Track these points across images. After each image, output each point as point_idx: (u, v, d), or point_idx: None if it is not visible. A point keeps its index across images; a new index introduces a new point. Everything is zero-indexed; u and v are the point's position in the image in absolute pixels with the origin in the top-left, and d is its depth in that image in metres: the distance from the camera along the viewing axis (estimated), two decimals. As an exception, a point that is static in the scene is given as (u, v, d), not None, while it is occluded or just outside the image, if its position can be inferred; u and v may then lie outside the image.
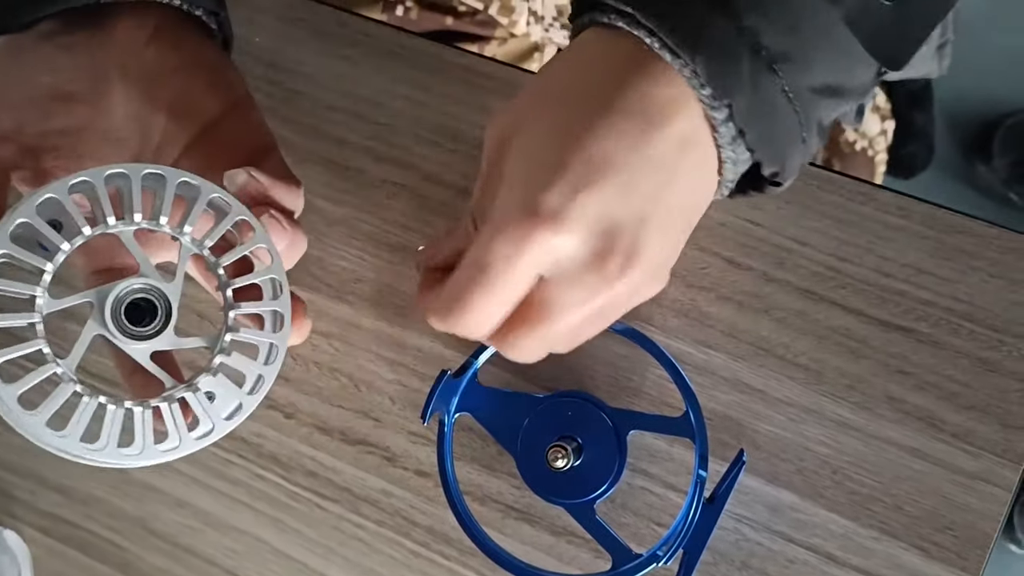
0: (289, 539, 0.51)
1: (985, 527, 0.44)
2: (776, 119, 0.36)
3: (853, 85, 0.38)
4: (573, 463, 0.44)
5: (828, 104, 0.38)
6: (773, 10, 0.35)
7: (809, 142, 0.38)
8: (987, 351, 0.44)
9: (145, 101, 0.41)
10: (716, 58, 0.35)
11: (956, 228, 0.45)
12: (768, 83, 0.35)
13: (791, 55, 0.35)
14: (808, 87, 0.37)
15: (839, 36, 0.36)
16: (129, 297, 0.37)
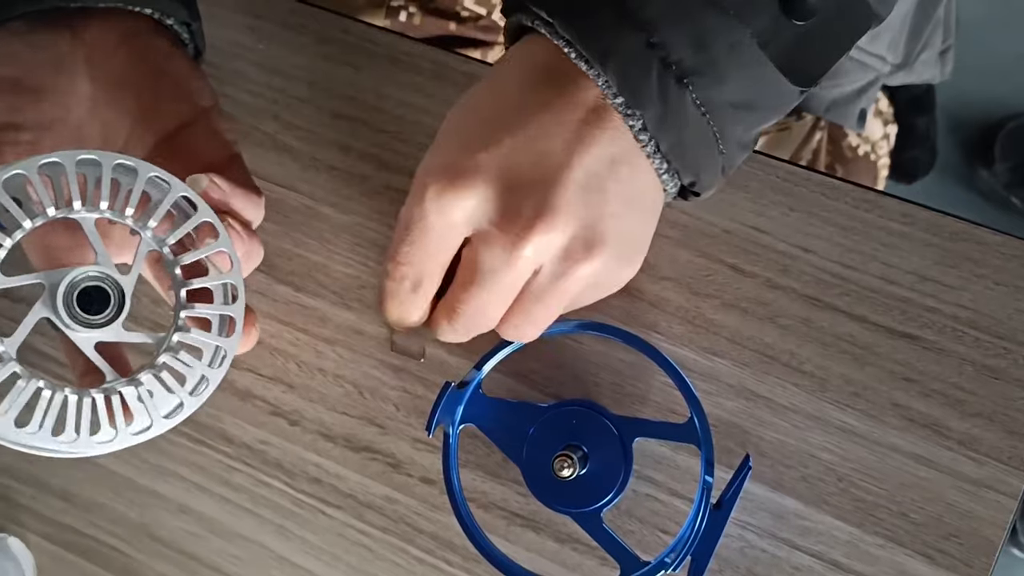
0: (293, 546, 0.51)
1: (990, 534, 0.44)
2: (689, 131, 0.38)
3: (770, 101, 0.39)
4: (579, 472, 0.44)
5: (745, 118, 0.39)
6: (683, 26, 0.36)
7: (729, 154, 0.39)
8: (992, 358, 0.44)
9: (111, 103, 0.42)
10: (625, 70, 0.36)
11: (961, 235, 0.45)
12: (678, 96, 0.37)
13: (702, 70, 0.37)
14: (722, 101, 0.38)
15: (750, 53, 0.37)
16: (83, 284, 0.37)
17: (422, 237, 0.40)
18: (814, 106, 0.72)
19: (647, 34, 0.36)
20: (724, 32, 0.37)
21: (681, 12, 0.36)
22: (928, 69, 0.78)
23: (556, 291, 0.40)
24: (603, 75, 0.37)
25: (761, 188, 0.47)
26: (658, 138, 0.38)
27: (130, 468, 0.53)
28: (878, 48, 0.72)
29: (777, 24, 0.37)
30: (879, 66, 0.73)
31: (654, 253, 0.48)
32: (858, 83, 0.73)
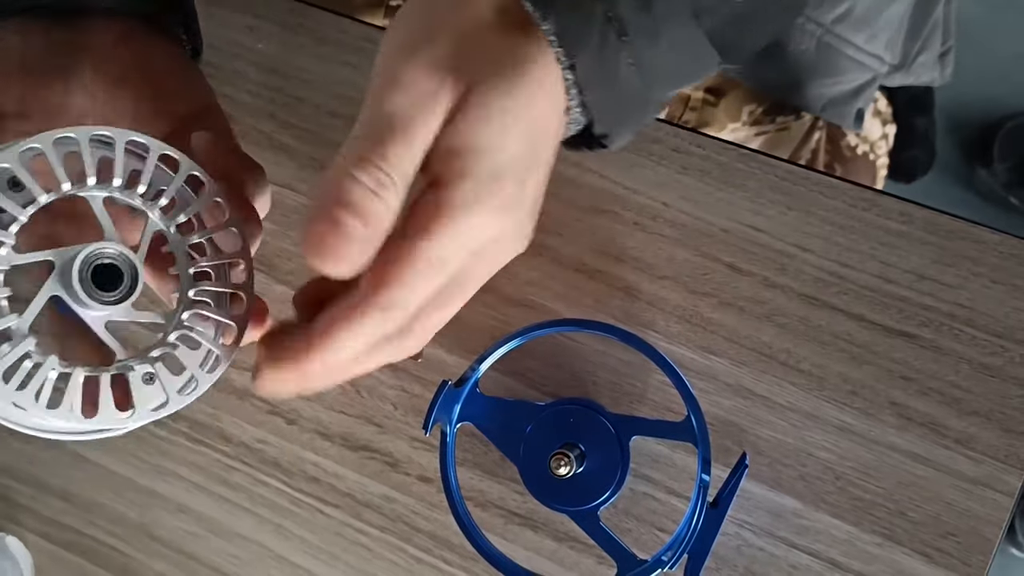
0: (291, 545, 0.51)
1: (987, 532, 0.44)
2: (617, 87, 0.37)
3: (695, 70, 0.39)
4: (576, 470, 0.44)
5: (669, 82, 0.39)
6: None
7: (648, 114, 0.39)
8: (989, 357, 0.44)
9: (109, 101, 0.42)
10: (569, 16, 0.35)
11: (958, 234, 0.45)
12: (615, 52, 0.36)
13: (641, 29, 0.36)
14: (653, 63, 0.37)
15: (685, 23, 0.37)
16: (96, 261, 0.37)
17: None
18: (810, 104, 0.72)
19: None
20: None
21: None
22: (927, 71, 0.78)
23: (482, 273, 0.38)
24: (545, 16, 0.35)
25: (759, 187, 0.47)
26: (585, 89, 0.37)
27: (129, 468, 0.54)
28: (875, 47, 0.72)
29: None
30: (876, 66, 0.73)
31: (652, 252, 0.48)
32: (855, 82, 0.73)
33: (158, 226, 0.38)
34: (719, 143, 0.48)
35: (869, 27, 0.70)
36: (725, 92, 0.71)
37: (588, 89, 0.37)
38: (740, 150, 0.48)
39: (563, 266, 0.48)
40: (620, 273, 0.48)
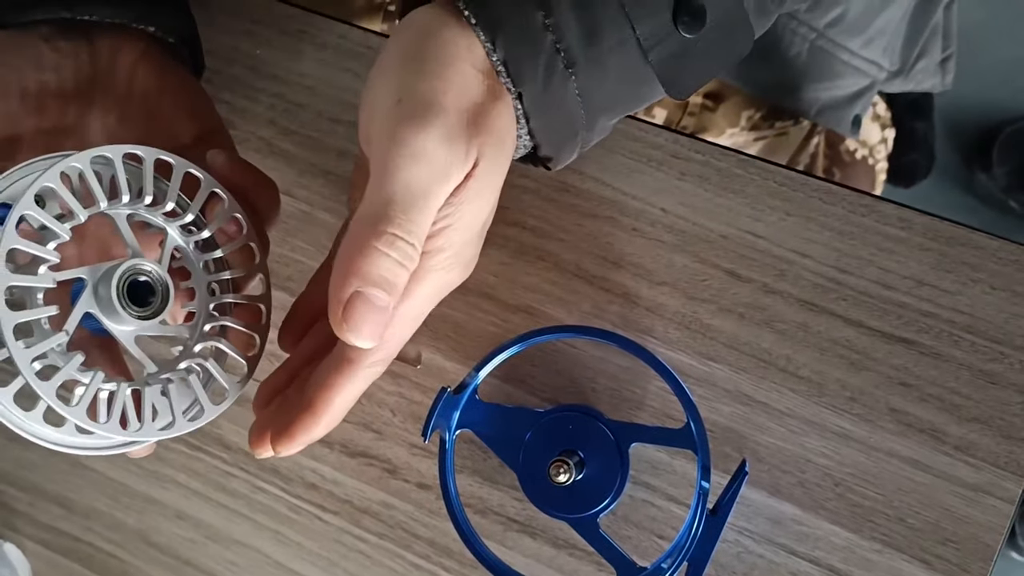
0: (290, 552, 0.51)
1: (988, 539, 0.44)
2: (562, 115, 0.38)
3: (640, 100, 0.41)
4: (575, 477, 0.44)
5: (614, 110, 0.40)
6: (579, 13, 0.36)
7: (589, 139, 0.40)
8: (989, 363, 0.44)
9: (125, 118, 0.42)
10: (516, 45, 0.36)
11: (958, 240, 0.45)
12: (561, 82, 0.37)
13: (588, 61, 0.37)
14: (599, 94, 0.38)
15: (634, 54, 0.38)
16: (131, 277, 0.37)
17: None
18: (805, 108, 0.72)
19: (544, 13, 0.36)
20: (616, 28, 0.37)
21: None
22: (928, 77, 0.78)
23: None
24: (495, 49, 0.37)
25: (758, 193, 0.47)
26: (531, 116, 0.38)
27: (127, 474, 0.53)
28: (872, 53, 0.72)
29: (665, 32, 0.38)
30: (874, 72, 0.73)
31: (651, 258, 0.48)
32: (852, 88, 0.73)
33: (177, 242, 0.39)
34: (718, 149, 0.48)
35: (864, 32, 0.70)
36: (724, 97, 0.71)
37: (534, 117, 0.38)
38: (739, 156, 0.48)
39: (562, 272, 0.48)
40: (619, 279, 0.48)
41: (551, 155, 0.40)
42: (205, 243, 0.40)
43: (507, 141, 0.38)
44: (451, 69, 0.37)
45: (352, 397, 0.40)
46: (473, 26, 0.37)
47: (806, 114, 0.72)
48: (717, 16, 0.38)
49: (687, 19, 0.38)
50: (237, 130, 0.53)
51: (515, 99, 0.38)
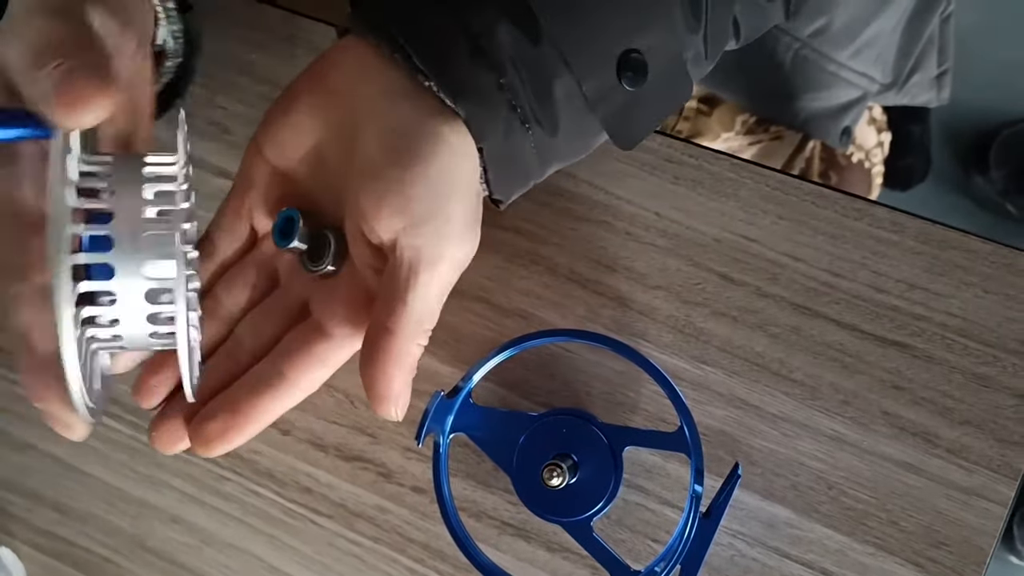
0: (284, 556, 0.51)
1: (981, 543, 0.44)
2: (518, 166, 0.41)
3: (585, 150, 0.43)
4: (569, 481, 0.44)
5: (566, 158, 0.42)
6: (528, 73, 0.39)
7: (536, 182, 0.43)
8: (981, 366, 0.44)
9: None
10: (475, 107, 0.39)
11: (950, 243, 0.45)
12: (520, 137, 0.40)
13: (542, 118, 0.40)
14: (554, 147, 0.41)
15: (581, 108, 0.40)
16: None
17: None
18: (791, 118, 0.72)
19: (497, 74, 0.38)
20: (564, 86, 0.39)
21: (529, 60, 0.38)
22: (923, 92, 0.77)
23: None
24: (456, 110, 0.39)
25: (751, 197, 0.47)
26: (490, 168, 0.40)
27: (122, 479, 0.54)
28: (862, 65, 0.72)
29: (609, 86, 0.40)
30: (865, 84, 0.72)
31: (644, 262, 0.48)
32: (841, 99, 0.72)
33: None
34: (711, 153, 0.48)
35: (852, 43, 0.70)
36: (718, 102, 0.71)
37: (492, 169, 0.40)
38: (732, 160, 0.48)
39: (556, 276, 0.48)
40: (612, 283, 0.48)
41: (502, 199, 0.42)
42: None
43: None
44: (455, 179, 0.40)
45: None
46: (435, 92, 0.39)
47: (793, 123, 0.72)
48: (658, 69, 0.40)
49: (630, 74, 0.40)
50: (233, 135, 0.53)
51: (479, 153, 0.40)
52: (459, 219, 0.40)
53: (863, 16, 0.70)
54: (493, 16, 0.38)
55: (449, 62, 0.38)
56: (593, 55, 0.39)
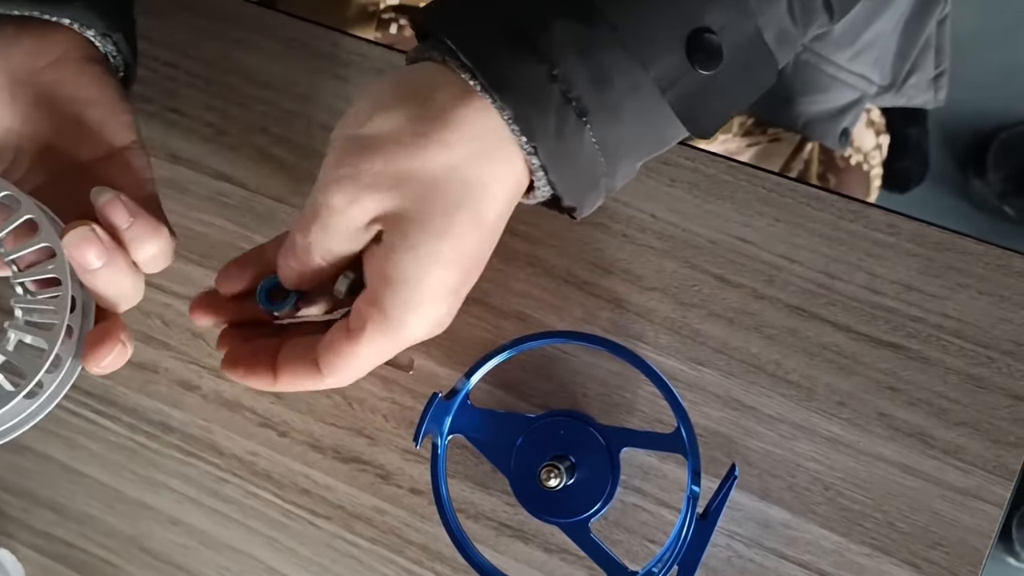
0: (283, 557, 0.52)
1: (977, 543, 0.44)
2: (581, 165, 0.38)
3: (662, 142, 0.40)
4: (566, 482, 0.44)
5: (635, 154, 0.39)
6: (586, 62, 0.36)
7: (613, 185, 0.40)
8: (976, 367, 0.45)
9: (28, 123, 0.41)
10: (523, 101, 0.36)
11: (945, 245, 0.45)
12: (575, 132, 0.37)
13: (600, 108, 0.37)
14: (617, 140, 0.38)
15: (650, 97, 0.37)
16: None
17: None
18: (791, 121, 0.72)
19: (548, 66, 0.36)
20: (626, 72, 0.36)
21: (583, 46, 0.36)
22: (920, 93, 0.78)
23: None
24: (502, 105, 0.36)
25: (747, 199, 0.47)
26: (549, 168, 0.37)
27: (121, 480, 0.54)
28: (860, 67, 0.72)
29: (681, 70, 0.37)
30: (863, 86, 0.73)
31: (641, 264, 0.48)
32: (839, 101, 0.73)
33: None
34: (707, 155, 0.48)
35: (851, 45, 0.70)
36: (716, 104, 0.71)
37: (551, 169, 0.37)
38: (728, 162, 0.48)
39: (553, 278, 0.49)
40: (609, 285, 0.48)
41: (574, 205, 0.39)
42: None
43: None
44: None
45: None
46: (480, 91, 0.36)
47: (793, 126, 0.72)
48: (735, 50, 0.37)
49: (702, 56, 0.37)
50: (230, 137, 0.53)
51: (531, 154, 0.37)
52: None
53: (862, 19, 0.70)
54: (542, 4, 0.36)
55: (493, 54, 0.36)
56: (658, 37, 0.36)
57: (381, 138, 0.37)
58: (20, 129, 0.41)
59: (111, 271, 0.39)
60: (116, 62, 0.45)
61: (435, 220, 0.37)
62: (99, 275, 0.39)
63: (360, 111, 0.38)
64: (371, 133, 0.37)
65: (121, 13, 0.44)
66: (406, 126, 0.37)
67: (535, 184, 0.39)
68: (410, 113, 0.37)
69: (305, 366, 0.40)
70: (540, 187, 0.39)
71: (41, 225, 0.39)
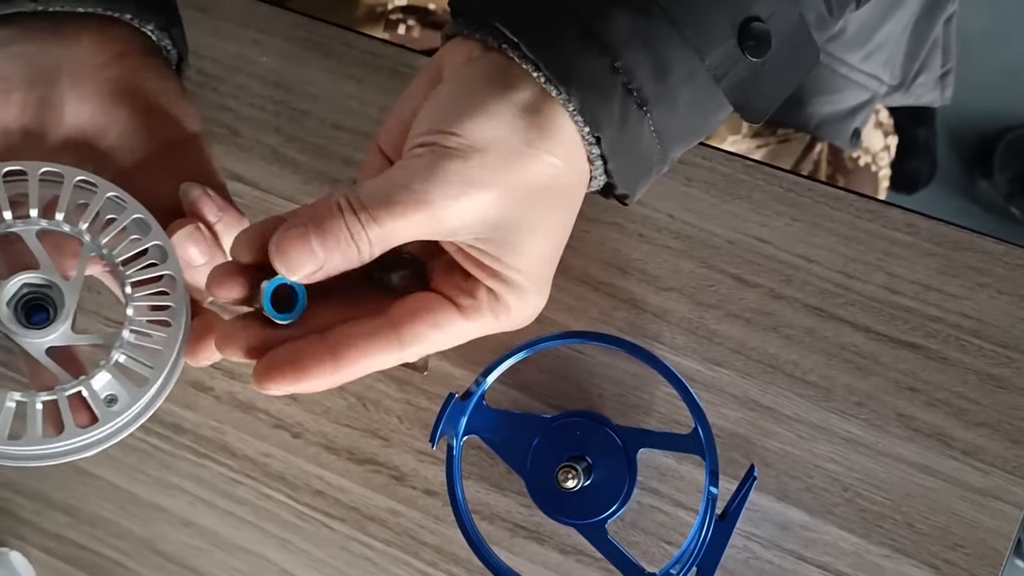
0: (296, 559, 0.51)
1: (996, 544, 0.44)
2: (638, 153, 0.39)
3: (711, 128, 0.41)
4: (583, 483, 0.44)
5: (688, 142, 0.41)
6: (645, 52, 0.37)
7: (662, 170, 0.41)
8: (996, 367, 0.44)
9: (94, 118, 0.41)
10: (589, 93, 0.37)
11: (963, 245, 0.45)
12: (636, 121, 0.38)
13: (660, 98, 0.38)
14: (673, 128, 0.39)
15: (705, 85, 0.38)
16: (27, 292, 0.38)
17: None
18: (804, 122, 0.72)
19: (611, 58, 0.37)
20: (683, 62, 0.37)
21: (644, 38, 0.37)
22: (927, 92, 0.78)
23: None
24: (568, 98, 0.37)
25: (764, 199, 0.47)
26: (609, 158, 0.38)
27: (133, 482, 0.53)
28: (872, 67, 0.72)
29: (733, 58, 0.38)
30: (874, 86, 0.73)
31: (657, 264, 0.48)
32: (852, 102, 0.73)
33: (92, 250, 0.39)
34: (724, 155, 0.48)
35: (864, 46, 0.70)
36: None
37: (612, 159, 0.39)
38: (745, 161, 0.48)
39: (569, 278, 0.48)
40: (625, 285, 0.48)
41: (627, 192, 0.40)
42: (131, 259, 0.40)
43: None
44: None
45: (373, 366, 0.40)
46: (544, 84, 0.37)
47: (806, 128, 0.73)
48: (782, 36, 0.38)
49: (752, 43, 0.38)
50: (243, 137, 0.53)
51: (592, 144, 0.38)
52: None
53: (875, 20, 0.70)
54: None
55: (558, 48, 0.37)
56: (712, 27, 0.37)
57: (488, 143, 0.37)
58: (88, 125, 0.41)
59: (211, 266, 0.39)
60: (171, 56, 0.45)
61: (541, 219, 0.38)
62: (201, 271, 0.39)
63: (450, 114, 0.38)
64: (476, 137, 0.37)
65: (172, 9, 0.45)
66: (513, 135, 0.37)
67: (593, 174, 0.39)
68: (510, 120, 0.37)
69: (377, 339, 0.38)
70: (596, 176, 0.39)
71: (151, 225, 0.39)
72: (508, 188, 0.37)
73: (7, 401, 0.37)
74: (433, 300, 0.40)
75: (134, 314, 0.38)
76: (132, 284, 0.39)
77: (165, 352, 0.38)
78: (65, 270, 0.39)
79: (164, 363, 0.38)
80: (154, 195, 0.40)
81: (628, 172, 0.39)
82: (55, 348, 0.38)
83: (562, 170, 0.38)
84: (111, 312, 0.54)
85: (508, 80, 0.37)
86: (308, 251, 0.36)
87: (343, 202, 0.36)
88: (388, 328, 0.38)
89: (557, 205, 0.39)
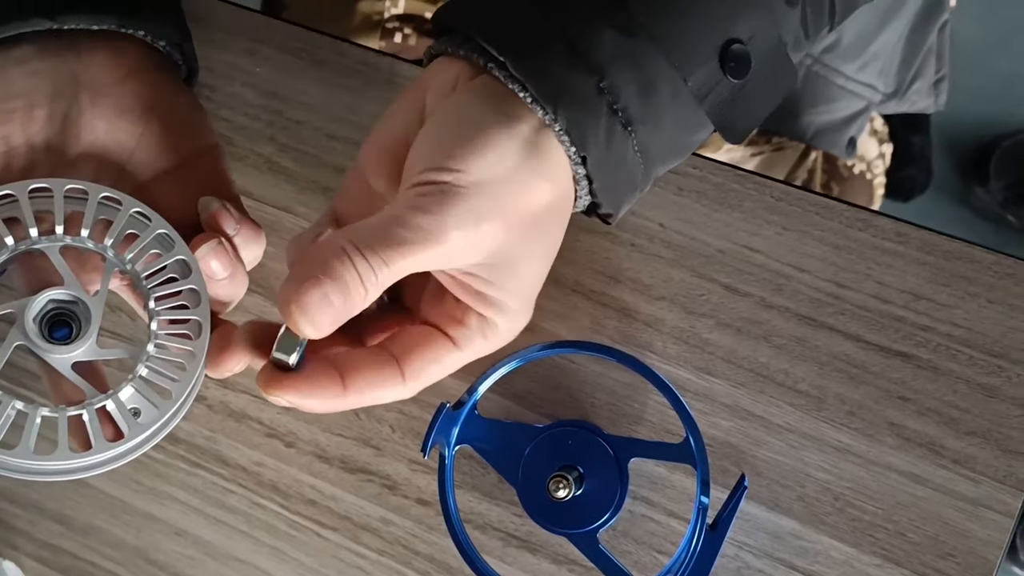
0: (289, 568, 0.51)
1: (987, 554, 0.44)
2: (623, 172, 0.39)
3: (693, 147, 0.41)
4: (575, 492, 0.44)
5: (669, 161, 0.41)
6: (631, 73, 0.37)
7: (644, 189, 0.41)
8: (986, 377, 0.44)
9: (110, 133, 0.42)
10: (576, 113, 0.37)
11: (954, 254, 0.45)
12: (621, 141, 0.38)
13: (645, 118, 0.38)
14: (656, 148, 0.39)
15: (688, 105, 0.39)
16: (52, 308, 0.38)
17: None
18: (800, 132, 0.73)
19: (598, 77, 0.37)
20: (667, 81, 0.38)
21: (629, 58, 0.37)
22: (922, 99, 0.78)
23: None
24: (555, 118, 0.37)
25: (755, 208, 0.47)
26: (594, 177, 0.38)
27: (126, 491, 0.53)
28: (868, 77, 0.72)
29: (715, 79, 0.38)
30: (869, 95, 0.73)
31: (649, 273, 0.48)
32: (847, 111, 0.73)
33: (116, 265, 0.39)
34: (714, 164, 0.48)
35: (859, 57, 0.71)
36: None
37: (597, 178, 0.39)
38: (736, 171, 0.48)
39: (561, 287, 0.48)
40: (617, 294, 0.48)
41: (611, 211, 0.41)
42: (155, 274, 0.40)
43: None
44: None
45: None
46: (531, 104, 0.37)
47: (802, 138, 0.73)
48: (761, 58, 0.39)
49: (733, 65, 0.38)
50: (236, 147, 0.53)
51: (578, 164, 0.38)
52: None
53: (870, 30, 0.70)
54: (589, 17, 0.37)
55: (545, 67, 0.37)
56: (695, 47, 0.38)
57: (495, 177, 0.37)
58: (107, 140, 0.42)
59: (232, 280, 0.40)
60: (182, 70, 0.46)
61: (538, 243, 0.39)
62: (222, 284, 0.40)
63: (454, 148, 0.37)
64: (484, 174, 0.37)
65: (183, 26, 0.46)
66: (517, 167, 0.37)
67: (578, 194, 0.40)
68: (515, 152, 0.37)
69: (384, 373, 0.39)
70: (581, 195, 0.40)
71: (175, 240, 0.39)
72: (513, 217, 0.37)
73: (36, 417, 0.37)
74: (428, 334, 0.40)
75: (157, 328, 0.39)
76: (155, 299, 0.39)
77: (189, 365, 0.39)
78: (85, 284, 0.40)
79: (189, 376, 0.38)
80: (171, 207, 0.41)
81: (613, 191, 0.39)
82: (80, 363, 0.38)
83: (556, 193, 0.38)
84: (118, 330, 0.54)
85: (505, 108, 0.37)
86: (327, 304, 0.35)
87: (349, 247, 0.35)
88: (392, 364, 0.39)
89: (551, 227, 0.39)
